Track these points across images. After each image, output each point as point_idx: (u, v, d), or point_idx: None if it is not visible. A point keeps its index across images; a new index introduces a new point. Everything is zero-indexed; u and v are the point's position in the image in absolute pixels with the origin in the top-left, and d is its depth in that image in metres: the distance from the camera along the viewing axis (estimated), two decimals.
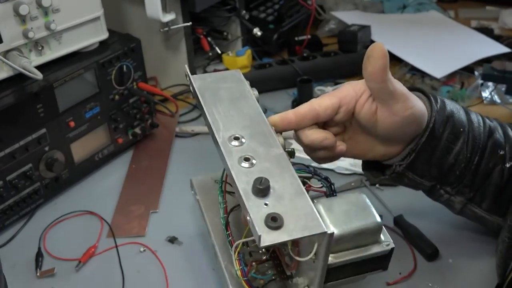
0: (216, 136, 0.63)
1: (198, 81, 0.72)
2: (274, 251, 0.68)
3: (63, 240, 0.92)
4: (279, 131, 0.68)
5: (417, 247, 0.87)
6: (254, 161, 0.61)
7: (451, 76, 1.26)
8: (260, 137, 0.64)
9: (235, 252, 0.63)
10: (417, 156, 0.74)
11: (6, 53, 0.88)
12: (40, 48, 0.93)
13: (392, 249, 0.66)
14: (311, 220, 0.55)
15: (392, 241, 0.65)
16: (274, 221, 0.54)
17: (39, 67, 0.90)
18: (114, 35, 1.05)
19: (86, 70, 0.97)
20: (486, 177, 0.77)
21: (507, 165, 0.77)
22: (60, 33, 0.95)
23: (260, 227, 0.53)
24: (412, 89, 0.75)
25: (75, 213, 0.98)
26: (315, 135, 0.70)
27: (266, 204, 0.56)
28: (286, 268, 0.67)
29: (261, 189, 0.56)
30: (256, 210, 0.55)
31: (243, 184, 0.58)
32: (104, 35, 1.02)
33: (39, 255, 0.88)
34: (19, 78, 0.90)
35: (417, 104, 0.70)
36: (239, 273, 0.63)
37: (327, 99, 0.71)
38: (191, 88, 0.72)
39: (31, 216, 0.97)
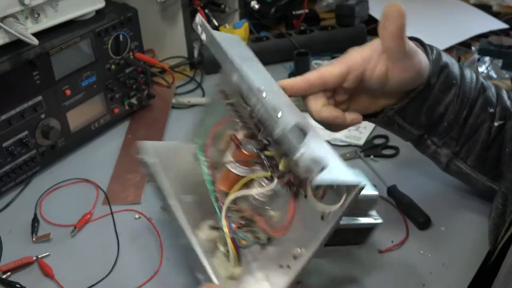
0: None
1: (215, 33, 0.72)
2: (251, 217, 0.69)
3: (59, 207, 0.93)
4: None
5: (409, 216, 0.88)
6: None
7: (448, 50, 1.26)
8: (277, 96, 0.64)
9: (223, 208, 0.64)
10: (409, 103, 0.75)
11: (2, 20, 0.88)
12: (36, 16, 0.93)
13: (378, 224, 0.66)
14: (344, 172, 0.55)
15: (380, 217, 0.66)
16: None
17: (35, 35, 0.91)
18: (110, 4, 1.04)
19: (82, 38, 0.97)
20: (473, 132, 0.79)
21: (496, 124, 0.79)
22: (57, 0, 0.95)
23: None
24: (410, 38, 0.74)
25: (71, 180, 0.98)
26: (325, 113, 0.72)
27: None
28: (271, 232, 0.67)
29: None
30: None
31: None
32: (101, 4, 1.02)
33: (35, 221, 0.89)
34: (15, 46, 0.90)
35: (423, 58, 0.72)
36: (226, 229, 0.64)
37: (336, 67, 0.72)
38: (203, 36, 0.72)
39: (27, 184, 0.98)
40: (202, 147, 0.73)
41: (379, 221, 0.68)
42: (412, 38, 0.76)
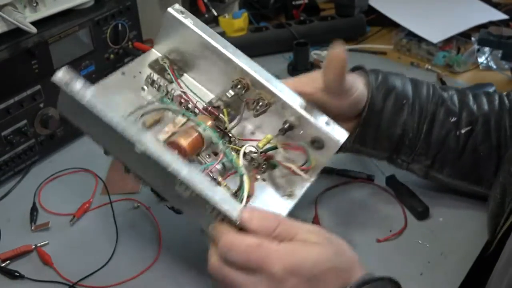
0: None
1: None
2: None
3: (58, 196, 0.93)
4: None
5: (408, 206, 0.88)
6: None
7: (448, 41, 1.26)
8: None
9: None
10: (364, 131, 0.79)
11: (0, 8, 0.88)
12: (34, 4, 0.92)
13: None
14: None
15: None
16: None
17: (33, 24, 0.90)
18: None
19: (81, 27, 0.97)
20: (440, 144, 0.81)
21: (462, 131, 0.81)
22: None
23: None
24: (355, 68, 0.84)
25: (70, 170, 0.98)
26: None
27: None
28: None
29: None
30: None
31: None
32: None
33: (33, 210, 0.89)
34: (13, 34, 0.90)
35: (359, 87, 0.76)
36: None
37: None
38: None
39: (26, 173, 0.98)
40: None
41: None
42: (356, 68, 0.83)
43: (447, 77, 1.20)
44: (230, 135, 0.74)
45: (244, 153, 0.70)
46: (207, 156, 0.73)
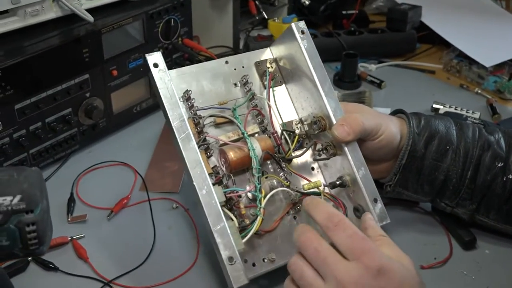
0: None
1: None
2: None
3: (96, 188, 0.92)
4: None
5: (454, 234, 0.85)
6: None
7: (499, 66, 1.23)
8: None
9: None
10: (404, 176, 0.79)
11: None
12: None
13: None
14: None
15: None
16: None
17: (88, 11, 0.89)
18: None
19: (135, 19, 0.95)
20: (486, 189, 0.79)
21: (510, 177, 0.79)
22: None
23: None
24: (395, 111, 0.84)
25: (109, 162, 0.97)
26: None
27: None
28: None
29: None
30: None
31: None
32: None
33: (71, 201, 0.88)
34: (66, 21, 0.89)
35: (387, 130, 0.76)
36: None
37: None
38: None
39: (65, 161, 0.97)
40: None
41: None
42: (398, 111, 0.83)
43: (497, 103, 1.17)
44: (284, 165, 0.76)
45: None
46: (252, 174, 0.75)
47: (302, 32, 0.74)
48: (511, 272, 0.81)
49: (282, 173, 0.76)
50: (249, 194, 0.73)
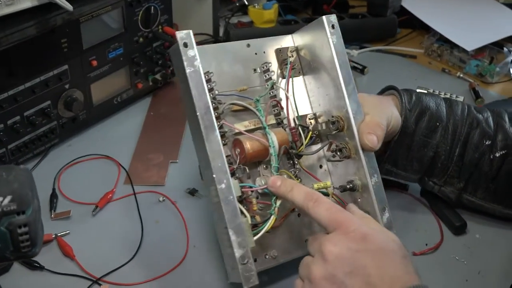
0: None
1: None
2: None
3: (79, 183, 0.89)
4: None
5: (444, 219, 0.85)
6: None
7: (481, 50, 1.23)
8: None
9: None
10: (394, 153, 0.78)
11: None
12: None
13: None
14: None
15: None
16: None
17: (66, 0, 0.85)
18: None
19: (114, 7, 0.92)
20: (473, 167, 0.80)
21: (497, 155, 0.79)
22: None
23: None
24: (386, 88, 0.83)
25: (91, 156, 0.94)
26: None
27: None
28: None
29: None
30: None
31: None
32: None
33: (53, 197, 0.85)
34: (43, 10, 0.85)
35: (393, 117, 0.74)
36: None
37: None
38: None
39: (45, 156, 0.93)
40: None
41: None
42: (388, 88, 0.82)
43: (480, 87, 1.17)
44: (296, 162, 0.73)
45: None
46: (264, 167, 0.72)
47: (333, 27, 0.70)
48: (502, 255, 0.81)
49: (292, 169, 0.73)
50: (260, 191, 0.70)
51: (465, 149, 0.79)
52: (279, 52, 0.76)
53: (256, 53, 0.75)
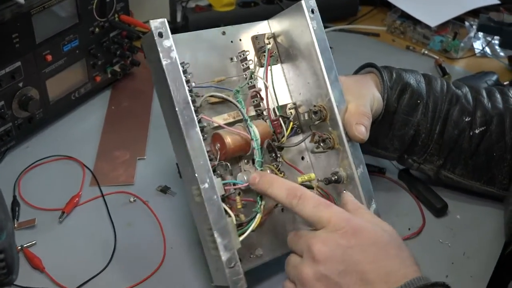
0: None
1: None
2: None
3: (41, 188, 0.83)
4: None
5: (425, 202, 0.84)
6: None
7: (443, 25, 1.22)
8: None
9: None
10: (376, 131, 0.75)
11: None
12: None
13: None
14: None
15: None
16: None
17: None
18: None
19: None
20: (453, 143, 0.79)
21: (476, 131, 0.79)
22: None
23: None
24: (365, 65, 0.80)
25: (51, 157, 0.88)
26: None
27: None
28: None
29: None
30: None
31: None
32: None
33: (15, 204, 0.79)
34: None
35: (375, 99, 0.72)
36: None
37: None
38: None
39: (1, 160, 0.87)
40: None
41: None
42: (369, 65, 0.80)
43: (445, 63, 1.16)
44: (279, 155, 0.69)
45: None
46: (246, 162, 0.68)
47: (312, 11, 0.66)
48: (484, 234, 0.81)
49: (275, 163, 0.69)
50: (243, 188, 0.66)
51: (445, 126, 0.78)
52: (256, 40, 0.71)
53: (232, 41, 0.71)
